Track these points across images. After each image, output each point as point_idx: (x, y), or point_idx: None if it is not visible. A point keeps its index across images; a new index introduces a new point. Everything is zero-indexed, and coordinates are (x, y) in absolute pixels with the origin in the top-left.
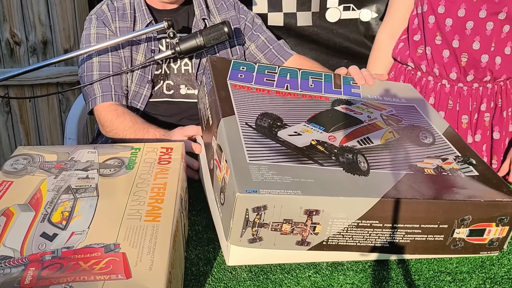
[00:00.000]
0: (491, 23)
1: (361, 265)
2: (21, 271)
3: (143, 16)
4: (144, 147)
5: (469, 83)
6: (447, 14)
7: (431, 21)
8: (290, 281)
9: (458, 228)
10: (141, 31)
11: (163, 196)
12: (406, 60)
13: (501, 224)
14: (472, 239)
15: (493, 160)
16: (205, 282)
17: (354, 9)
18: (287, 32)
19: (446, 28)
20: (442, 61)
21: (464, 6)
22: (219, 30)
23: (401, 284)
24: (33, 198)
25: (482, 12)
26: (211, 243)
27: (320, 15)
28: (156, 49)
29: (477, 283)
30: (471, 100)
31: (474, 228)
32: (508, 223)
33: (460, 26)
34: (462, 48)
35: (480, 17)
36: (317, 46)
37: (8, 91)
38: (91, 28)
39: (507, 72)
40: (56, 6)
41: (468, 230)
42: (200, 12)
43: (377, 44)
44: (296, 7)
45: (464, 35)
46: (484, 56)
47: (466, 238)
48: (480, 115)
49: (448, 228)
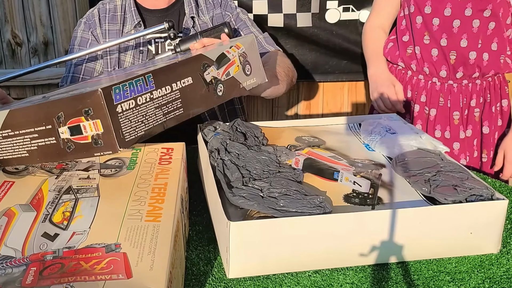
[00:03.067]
0: (477, 21)
1: (360, 265)
2: (22, 271)
3: (131, 17)
4: (145, 148)
5: (458, 80)
6: (434, 14)
7: (418, 22)
8: (290, 281)
9: (59, 127)
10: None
11: (164, 196)
12: (397, 60)
13: (89, 117)
14: (76, 138)
15: (483, 154)
16: (206, 282)
17: (354, 10)
18: (287, 33)
19: (433, 28)
20: (431, 59)
21: (450, 6)
22: (220, 31)
23: (401, 283)
24: (35, 198)
25: (467, 10)
26: (211, 243)
27: (319, 16)
28: (144, 50)
29: (476, 283)
30: (461, 96)
31: (71, 126)
32: (96, 116)
33: (447, 25)
34: (450, 46)
35: (466, 15)
36: (317, 47)
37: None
38: (78, 31)
39: (495, 67)
40: (57, 8)
41: (68, 129)
42: (189, 11)
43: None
44: (296, 8)
45: (451, 34)
46: (472, 53)
47: (72, 138)
48: (470, 110)
49: (53, 129)
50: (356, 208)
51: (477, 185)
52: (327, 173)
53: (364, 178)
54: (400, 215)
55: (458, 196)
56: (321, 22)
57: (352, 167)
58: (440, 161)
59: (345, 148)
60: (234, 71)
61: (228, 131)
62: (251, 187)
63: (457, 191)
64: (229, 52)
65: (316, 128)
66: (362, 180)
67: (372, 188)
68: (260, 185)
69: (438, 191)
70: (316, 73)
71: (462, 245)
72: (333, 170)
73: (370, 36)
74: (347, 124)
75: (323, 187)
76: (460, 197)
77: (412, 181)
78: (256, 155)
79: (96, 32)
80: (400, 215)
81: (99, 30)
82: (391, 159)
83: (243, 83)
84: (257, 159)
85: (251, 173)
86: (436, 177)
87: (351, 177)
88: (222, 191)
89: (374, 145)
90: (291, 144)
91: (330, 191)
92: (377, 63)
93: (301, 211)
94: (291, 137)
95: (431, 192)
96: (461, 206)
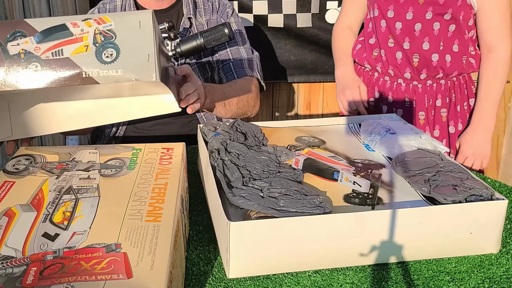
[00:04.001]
0: (438, 23)
1: (360, 265)
2: (22, 271)
3: None
4: (145, 148)
5: (423, 80)
6: (397, 18)
7: (383, 25)
8: (290, 281)
9: None
10: None
11: (164, 196)
12: (363, 62)
13: None
14: None
15: (451, 154)
16: (206, 282)
17: None
18: (287, 33)
19: (396, 31)
20: (396, 62)
21: (411, 10)
22: (220, 31)
23: (400, 283)
24: (35, 198)
25: (428, 14)
26: (211, 243)
27: (319, 16)
28: None
29: (476, 283)
30: (427, 97)
31: None
32: None
33: (409, 28)
34: (413, 49)
35: (427, 19)
36: (317, 47)
37: None
38: None
39: (458, 68)
40: (57, 8)
41: None
42: (187, 11)
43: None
44: (296, 9)
45: (413, 37)
46: (434, 55)
47: None
48: (436, 111)
49: None
50: (356, 208)
51: (476, 185)
52: (327, 173)
53: (364, 178)
54: (400, 215)
55: (457, 196)
56: (321, 23)
57: (352, 167)
58: (440, 161)
59: (345, 148)
60: (74, 51)
61: (228, 131)
62: (251, 187)
63: (456, 191)
64: (76, 25)
65: (316, 128)
66: (362, 180)
67: (372, 188)
68: (260, 185)
69: (438, 191)
70: (316, 74)
71: (462, 245)
72: (333, 170)
73: (339, 37)
74: (347, 124)
75: (323, 187)
76: (459, 197)
77: (412, 181)
78: (256, 155)
79: None
80: (400, 215)
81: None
82: (391, 159)
83: (90, 71)
84: (257, 159)
85: (251, 173)
86: (436, 177)
87: (351, 177)
88: (222, 191)
89: (374, 145)
90: (291, 144)
91: (330, 191)
92: (344, 64)
93: (301, 211)
94: (291, 137)
95: (431, 192)
96: (461, 206)
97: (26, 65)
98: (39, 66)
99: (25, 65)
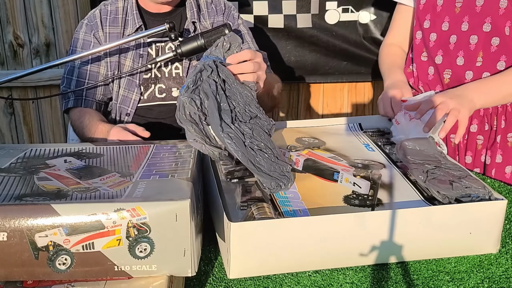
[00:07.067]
0: (475, 37)
1: (360, 265)
2: None
3: (133, 20)
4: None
5: None
6: (432, 29)
7: (418, 37)
8: (290, 281)
9: None
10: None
11: None
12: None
13: None
14: None
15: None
16: (206, 282)
17: (353, 11)
18: (287, 34)
19: (430, 44)
20: (426, 79)
21: (447, 19)
22: (220, 32)
23: (400, 283)
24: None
25: (464, 25)
26: (211, 243)
27: (319, 17)
28: (144, 53)
29: (475, 282)
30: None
31: None
32: None
33: (443, 40)
34: (445, 64)
35: (462, 30)
36: (317, 47)
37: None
38: (80, 33)
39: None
40: (59, 9)
41: None
42: (191, 15)
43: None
44: (296, 9)
45: (448, 50)
46: (468, 73)
47: None
48: (470, 136)
49: None
50: (355, 210)
51: (474, 184)
52: (327, 173)
53: (364, 179)
54: (400, 216)
55: (451, 192)
56: (321, 23)
57: (352, 167)
58: (442, 159)
59: (345, 148)
60: (106, 245)
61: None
62: (238, 128)
63: (452, 186)
64: (108, 217)
65: (316, 129)
66: (362, 181)
67: (372, 190)
68: (244, 130)
69: (434, 183)
70: (316, 74)
71: (461, 245)
72: (333, 171)
73: (386, 52)
74: (347, 125)
75: (323, 187)
76: (453, 193)
77: (410, 167)
78: (240, 88)
79: (99, 35)
80: (399, 216)
81: (101, 33)
82: (391, 159)
83: (123, 266)
84: (240, 92)
85: (236, 108)
86: (435, 170)
87: (351, 178)
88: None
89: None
90: (291, 145)
91: (330, 192)
92: (395, 73)
93: (272, 175)
94: (291, 138)
95: (426, 181)
96: (461, 206)
97: (51, 257)
98: (70, 260)
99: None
